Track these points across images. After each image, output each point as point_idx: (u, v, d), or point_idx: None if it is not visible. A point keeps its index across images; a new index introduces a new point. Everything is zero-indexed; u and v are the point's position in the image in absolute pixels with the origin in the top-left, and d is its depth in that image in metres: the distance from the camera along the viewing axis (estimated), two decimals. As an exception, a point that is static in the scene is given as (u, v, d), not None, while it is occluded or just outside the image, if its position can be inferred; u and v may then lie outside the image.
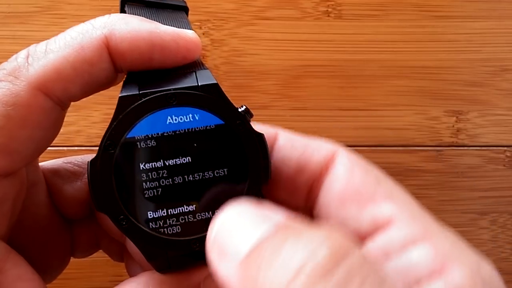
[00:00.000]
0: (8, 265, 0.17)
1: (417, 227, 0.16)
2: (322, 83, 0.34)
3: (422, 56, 0.35)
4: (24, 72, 0.16)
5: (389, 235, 0.16)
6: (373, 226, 0.17)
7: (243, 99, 0.34)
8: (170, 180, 0.17)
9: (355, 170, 0.18)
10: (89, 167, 0.17)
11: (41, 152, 0.18)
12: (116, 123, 0.17)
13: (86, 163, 0.18)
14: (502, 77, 0.35)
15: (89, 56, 0.17)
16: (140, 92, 0.17)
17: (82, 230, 0.21)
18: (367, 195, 0.17)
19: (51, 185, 0.20)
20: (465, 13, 0.35)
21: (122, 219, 0.17)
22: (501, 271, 0.15)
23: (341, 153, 0.18)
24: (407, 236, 0.16)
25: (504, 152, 0.35)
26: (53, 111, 0.17)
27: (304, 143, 0.19)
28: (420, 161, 0.34)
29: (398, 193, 0.17)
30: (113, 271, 0.32)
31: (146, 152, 0.17)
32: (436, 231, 0.16)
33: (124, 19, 0.17)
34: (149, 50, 0.17)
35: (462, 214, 0.34)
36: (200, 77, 0.17)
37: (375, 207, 0.17)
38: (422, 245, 0.15)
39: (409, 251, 0.15)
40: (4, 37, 0.32)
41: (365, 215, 0.17)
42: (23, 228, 0.19)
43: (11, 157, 0.16)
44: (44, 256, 0.20)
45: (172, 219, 0.17)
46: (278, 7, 0.34)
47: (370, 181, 0.17)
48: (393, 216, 0.16)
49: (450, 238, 0.16)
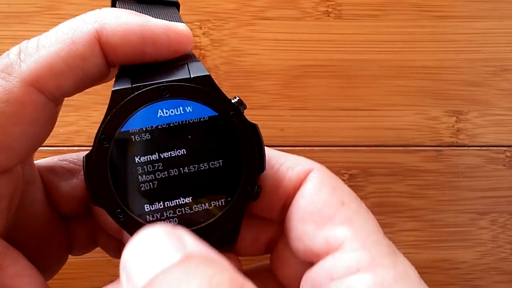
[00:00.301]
0: (7, 261, 0.17)
1: (364, 255, 0.16)
2: (322, 83, 0.34)
3: (422, 56, 0.35)
4: (16, 69, 0.16)
5: (336, 258, 0.16)
6: (325, 247, 0.17)
7: (243, 99, 0.34)
8: (165, 173, 0.17)
9: (322, 190, 0.18)
10: (84, 161, 0.17)
11: (36, 148, 0.18)
12: (110, 117, 0.17)
13: (81, 161, 0.18)
14: (502, 77, 0.35)
15: (81, 51, 0.17)
16: (133, 86, 0.17)
17: (79, 227, 0.21)
18: (326, 216, 0.17)
19: (47, 183, 0.20)
20: (465, 13, 0.35)
21: (119, 212, 0.17)
22: (501, 271, 0.15)
23: (314, 172, 0.19)
24: (352, 262, 0.16)
25: (504, 152, 0.35)
26: (46, 107, 0.17)
27: (281, 160, 0.19)
28: (420, 161, 0.34)
29: (359, 217, 0.17)
30: (113, 271, 0.32)
31: (140, 145, 0.17)
32: (383, 262, 0.16)
33: (115, 13, 0.17)
34: (140, 43, 0.17)
35: (462, 214, 0.34)
36: (192, 69, 0.18)
37: (331, 229, 0.17)
38: (364, 274, 0.15)
39: (351, 278, 0.16)
40: (4, 37, 0.32)
41: (319, 235, 0.17)
42: (20, 226, 0.19)
43: (6, 154, 0.16)
44: (41, 254, 0.20)
45: (169, 211, 0.17)
46: (278, 7, 0.34)
47: (333, 202, 0.18)
48: (344, 241, 0.17)
49: (398, 271, 0.16)
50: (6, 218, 0.17)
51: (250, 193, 0.18)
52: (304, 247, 0.18)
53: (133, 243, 0.13)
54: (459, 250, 0.34)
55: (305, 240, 0.18)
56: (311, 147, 0.34)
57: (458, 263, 0.34)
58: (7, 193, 0.17)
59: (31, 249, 0.19)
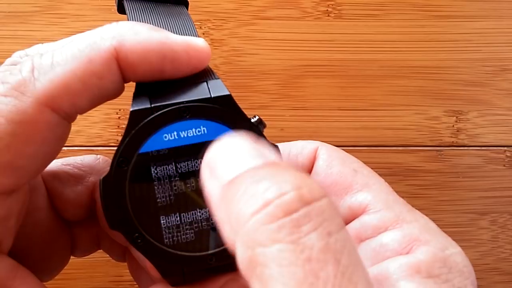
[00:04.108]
0: (17, 282, 0.17)
1: (389, 214, 0.17)
2: (322, 83, 0.34)
3: (422, 56, 0.35)
4: (30, 88, 0.15)
5: (363, 220, 0.18)
6: (350, 214, 0.18)
7: (243, 99, 0.34)
8: (183, 189, 0.17)
9: (333, 163, 0.19)
10: (101, 184, 0.16)
11: (47, 165, 0.17)
12: (128, 138, 0.16)
13: (86, 165, 0.18)
14: (502, 77, 0.35)
15: (97, 69, 0.16)
16: (152, 106, 0.16)
17: (82, 231, 0.21)
18: (344, 185, 0.18)
19: (51, 189, 0.20)
20: (465, 13, 0.35)
21: (137, 237, 0.16)
22: (501, 271, 0.15)
23: (321, 149, 0.20)
24: (379, 222, 0.17)
25: (504, 152, 0.35)
26: (59, 126, 0.16)
27: (287, 150, 0.20)
28: (420, 161, 0.34)
29: (374, 181, 0.19)
30: (113, 271, 0.32)
31: (160, 167, 0.17)
32: (407, 218, 0.17)
33: (133, 29, 0.17)
34: (159, 61, 0.16)
35: (462, 214, 0.34)
36: (212, 88, 0.17)
37: (352, 196, 0.18)
38: (393, 230, 0.17)
39: (380, 235, 0.17)
40: (4, 37, 0.32)
41: (342, 204, 0.18)
42: (23, 233, 0.19)
43: (17, 174, 0.16)
44: (44, 257, 0.20)
45: (186, 226, 0.17)
46: (278, 7, 0.34)
47: (347, 172, 0.19)
48: (367, 204, 0.18)
49: (421, 224, 0.17)
50: (14, 235, 0.17)
51: None
52: None
53: (218, 145, 0.14)
54: (459, 250, 0.34)
55: None
56: (311, 147, 0.34)
57: (458, 263, 0.34)
58: (16, 211, 0.17)
59: (33, 253, 0.19)
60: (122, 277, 0.32)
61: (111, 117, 0.33)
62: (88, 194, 0.20)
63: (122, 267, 0.22)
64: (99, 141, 0.33)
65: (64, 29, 0.32)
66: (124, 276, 0.32)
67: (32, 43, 0.17)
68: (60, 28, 0.32)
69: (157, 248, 0.16)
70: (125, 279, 0.32)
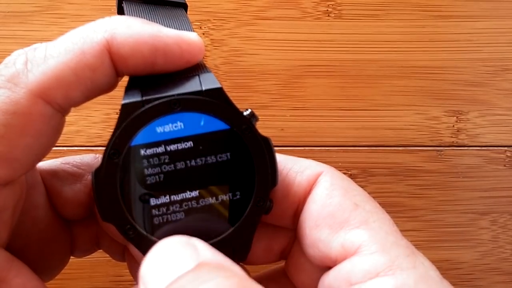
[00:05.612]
0: (12, 273, 0.17)
1: (383, 258, 0.16)
2: (322, 83, 0.34)
3: (422, 56, 0.34)
4: (23, 79, 0.16)
5: (354, 262, 0.16)
6: (342, 252, 0.16)
7: (243, 99, 0.34)
8: (172, 168, 0.17)
9: (333, 193, 0.18)
10: (93, 176, 0.16)
11: (42, 158, 0.18)
12: (119, 131, 0.16)
13: (84, 164, 0.18)
14: (502, 77, 0.35)
15: (90, 62, 0.16)
16: (143, 99, 0.17)
17: (82, 230, 0.21)
18: (340, 219, 0.17)
19: (50, 187, 0.20)
20: (466, 13, 0.35)
21: (128, 229, 0.17)
22: (502, 271, 0.15)
23: (324, 175, 0.18)
24: (370, 266, 0.16)
25: (504, 152, 0.35)
26: (53, 118, 0.16)
27: (289, 165, 0.19)
28: (420, 161, 0.34)
29: (375, 219, 0.17)
30: (113, 271, 0.32)
31: (151, 159, 0.17)
32: (403, 264, 0.15)
33: (126, 22, 0.17)
34: (151, 54, 0.17)
35: (462, 214, 0.34)
36: (204, 81, 0.17)
37: (346, 232, 0.17)
38: (384, 277, 0.15)
39: (370, 281, 0.15)
40: (4, 37, 0.32)
41: (335, 240, 0.17)
42: (22, 231, 0.19)
43: (11, 165, 0.16)
44: (43, 257, 0.20)
45: (175, 205, 0.17)
46: (278, 7, 0.34)
47: (347, 205, 0.17)
48: (361, 244, 0.16)
49: (419, 273, 0.15)
50: (10, 227, 0.17)
51: (262, 208, 0.18)
52: (320, 253, 0.17)
53: (151, 255, 0.13)
54: (459, 250, 0.34)
55: (320, 247, 0.17)
56: (311, 147, 0.34)
57: (458, 263, 0.34)
58: (11, 204, 0.17)
59: (32, 252, 0.19)
60: (122, 277, 0.32)
61: (111, 117, 0.33)
62: (86, 193, 0.20)
63: (122, 267, 0.22)
64: (99, 141, 0.33)
65: (64, 29, 0.32)
66: (124, 276, 0.32)
67: (31, 43, 0.17)
68: (59, 28, 0.32)
69: (148, 240, 0.17)
70: (125, 279, 0.32)
